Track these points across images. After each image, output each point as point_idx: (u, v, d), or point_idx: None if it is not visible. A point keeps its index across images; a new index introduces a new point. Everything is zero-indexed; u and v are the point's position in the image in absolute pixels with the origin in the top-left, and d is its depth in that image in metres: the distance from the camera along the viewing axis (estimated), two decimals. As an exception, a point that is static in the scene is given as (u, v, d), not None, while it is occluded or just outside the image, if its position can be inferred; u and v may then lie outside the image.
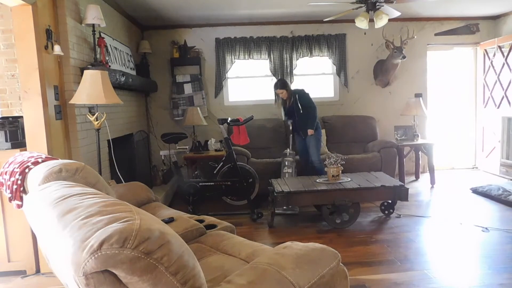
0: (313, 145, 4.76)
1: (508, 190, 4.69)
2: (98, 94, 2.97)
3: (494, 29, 6.28)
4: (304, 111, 4.73)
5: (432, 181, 5.59)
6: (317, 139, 4.79)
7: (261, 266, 1.50)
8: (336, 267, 1.62)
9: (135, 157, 4.78)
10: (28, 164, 2.00)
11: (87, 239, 1.06)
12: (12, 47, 3.22)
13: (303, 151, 4.92)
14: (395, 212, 4.24)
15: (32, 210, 1.56)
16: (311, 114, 4.73)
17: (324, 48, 6.05)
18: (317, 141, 4.79)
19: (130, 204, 1.28)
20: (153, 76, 5.88)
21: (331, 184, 3.99)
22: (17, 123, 3.03)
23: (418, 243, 3.50)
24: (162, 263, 1.08)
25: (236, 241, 2.19)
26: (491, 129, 6.14)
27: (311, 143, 4.77)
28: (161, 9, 5.02)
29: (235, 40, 5.95)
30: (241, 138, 5.05)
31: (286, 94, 4.79)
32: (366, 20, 4.13)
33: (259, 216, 4.33)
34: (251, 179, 4.75)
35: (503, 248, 3.28)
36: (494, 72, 6.04)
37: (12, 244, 3.03)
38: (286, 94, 4.79)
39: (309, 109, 4.73)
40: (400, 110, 6.05)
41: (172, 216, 2.57)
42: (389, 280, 2.78)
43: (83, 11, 3.51)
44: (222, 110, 6.10)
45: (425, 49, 6.31)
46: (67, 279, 1.17)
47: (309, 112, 4.73)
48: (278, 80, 4.91)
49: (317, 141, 4.78)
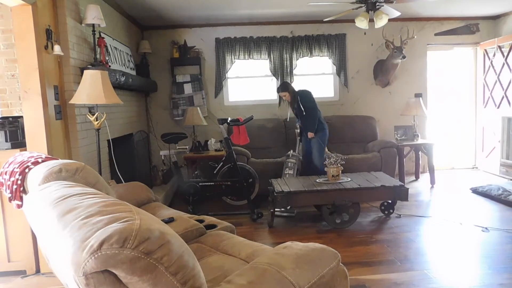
0: (315, 149, 4.74)
1: (508, 190, 4.69)
2: (98, 94, 2.97)
3: (494, 29, 6.28)
4: (307, 112, 4.73)
5: (432, 181, 5.59)
6: (320, 143, 4.75)
7: (261, 266, 1.50)
8: (336, 267, 1.62)
9: (135, 157, 4.78)
10: (28, 164, 2.00)
11: (87, 239, 1.06)
12: (12, 47, 3.22)
13: (307, 152, 4.91)
14: (395, 212, 4.24)
15: (32, 210, 1.56)
16: (311, 116, 4.72)
17: (324, 48, 6.05)
18: (320, 145, 4.74)
19: (130, 204, 1.28)
20: (153, 76, 5.88)
21: (331, 184, 3.99)
22: (17, 123, 3.03)
23: (418, 243, 3.50)
24: (162, 263, 1.08)
25: (236, 241, 2.19)
26: (491, 129, 6.14)
27: (314, 147, 4.77)
28: (161, 9, 5.02)
29: (235, 40, 5.95)
30: (241, 138, 5.05)
31: (289, 96, 4.80)
32: (366, 20, 4.13)
33: (259, 216, 4.33)
34: (251, 179, 4.75)
35: (503, 248, 3.28)
36: (494, 72, 6.04)
37: (12, 244, 3.03)
38: (289, 97, 4.81)
39: (310, 111, 4.73)
40: (400, 110, 6.06)
41: (172, 216, 2.57)
42: (389, 280, 2.78)
43: (83, 11, 3.51)
44: (222, 110, 6.10)
45: (425, 49, 6.31)
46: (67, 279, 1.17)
47: (309, 114, 4.73)
48: (281, 83, 4.90)
49: (319, 145, 4.74)
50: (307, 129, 4.77)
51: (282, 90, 4.83)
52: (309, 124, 4.74)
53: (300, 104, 4.74)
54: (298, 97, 4.77)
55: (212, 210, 4.58)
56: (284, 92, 4.81)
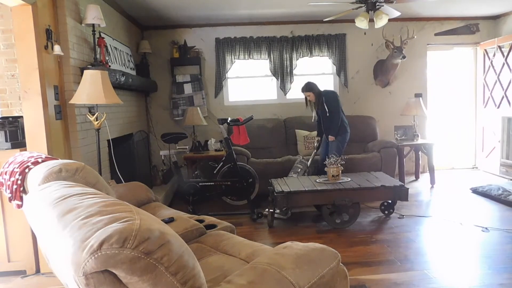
0: (332, 150, 4.66)
1: (508, 190, 4.69)
2: (98, 94, 2.97)
3: (494, 29, 6.28)
4: (330, 114, 4.68)
5: (432, 181, 5.59)
6: (339, 146, 4.70)
7: (261, 266, 1.50)
8: (336, 267, 1.62)
9: (135, 157, 4.78)
10: (28, 164, 2.00)
11: (87, 239, 1.06)
12: (12, 47, 3.22)
13: (325, 153, 4.83)
14: (397, 213, 4.24)
15: (32, 210, 1.56)
16: (334, 119, 4.67)
17: (324, 48, 6.05)
18: (338, 148, 4.68)
19: (130, 204, 1.28)
20: (153, 76, 5.88)
21: (331, 184, 3.99)
22: (17, 123, 3.03)
23: (418, 243, 3.50)
24: (162, 263, 1.08)
25: (236, 241, 2.19)
26: (491, 129, 6.14)
27: (332, 148, 4.69)
28: (161, 9, 5.02)
29: (235, 40, 5.95)
30: (241, 138, 5.05)
31: (314, 96, 4.73)
32: (366, 20, 4.13)
33: (259, 216, 4.33)
34: (251, 179, 4.75)
35: (503, 248, 3.28)
36: (494, 72, 6.04)
37: (12, 244, 3.03)
38: (313, 97, 4.74)
39: (333, 114, 4.67)
40: (400, 110, 6.06)
41: (172, 216, 2.57)
42: (389, 280, 2.78)
43: (83, 11, 3.51)
44: (222, 110, 6.10)
45: (425, 49, 6.31)
46: (67, 279, 1.17)
47: (333, 117, 4.67)
48: (305, 83, 4.79)
49: (338, 148, 4.68)
50: (329, 131, 4.71)
51: (306, 90, 4.73)
52: (332, 126, 4.68)
53: (324, 105, 4.68)
54: (323, 98, 4.70)
55: (212, 210, 4.58)
56: (309, 92, 4.72)
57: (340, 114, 4.71)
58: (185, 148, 5.18)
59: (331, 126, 4.70)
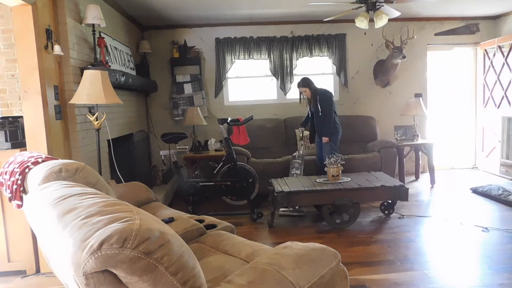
0: (326, 151, 4.65)
1: (508, 190, 4.69)
2: (98, 94, 2.97)
3: (494, 29, 6.28)
4: (323, 114, 4.65)
5: (432, 181, 5.59)
6: (331, 146, 4.68)
7: (261, 266, 1.50)
8: (336, 267, 1.62)
9: (135, 157, 4.78)
10: (28, 164, 2.00)
11: (87, 239, 1.06)
12: (12, 47, 3.22)
13: (320, 153, 4.84)
14: (397, 213, 4.24)
15: (32, 210, 1.56)
16: (326, 120, 4.64)
17: (324, 48, 6.05)
18: (331, 148, 4.67)
19: (130, 204, 1.28)
20: (153, 76, 5.88)
21: (331, 184, 3.99)
22: (17, 123, 3.03)
23: (418, 243, 3.50)
24: (162, 263, 1.08)
25: (236, 241, 2.19)
26: (491, 129, 6.14)
27: (325, 148, 4.69)
28: (161, 9, 5.02)
29: (235, 40, 5.95)
30: (241, 138, 5.05)
31: (309, 92, 4.71)
32: (366, 20, 4.13)
33: (259, 216, 4.33)
34: (251, 179, 4.75)
35: (503, 248, 3.28)
36: (494, 72, 6.04)
37: (12, 244, 3.03)
38: (309, 93, 4.71)
39: (326, 114, 4.64)
40: (400, 110, 6.06)
41: (172, 216, 2.57)
42: (389, 280, 2.78)
43: (83, 11, 3.51)
44: (222, 110, 6.10)
45: (425, 49, 6.31)
46: (67, 279, 1.17)
47: (325, 117, 4.64)
48: (302, 78, 4.79)
49: (330, 148, 4.67)
50: (321, 132, 4.69)
51: (303, 86, 4.72)
52: (324, 127, 4.66)
53: (318, 104, 4.66)
54: (318, 96, 4.68)
55: (212, 210, 4.58)
56: (305, 88, 4.70)
57: (333, 115, 4.67)
58: (185, 148, 5.18)
59: (323, 126, 4.68)
